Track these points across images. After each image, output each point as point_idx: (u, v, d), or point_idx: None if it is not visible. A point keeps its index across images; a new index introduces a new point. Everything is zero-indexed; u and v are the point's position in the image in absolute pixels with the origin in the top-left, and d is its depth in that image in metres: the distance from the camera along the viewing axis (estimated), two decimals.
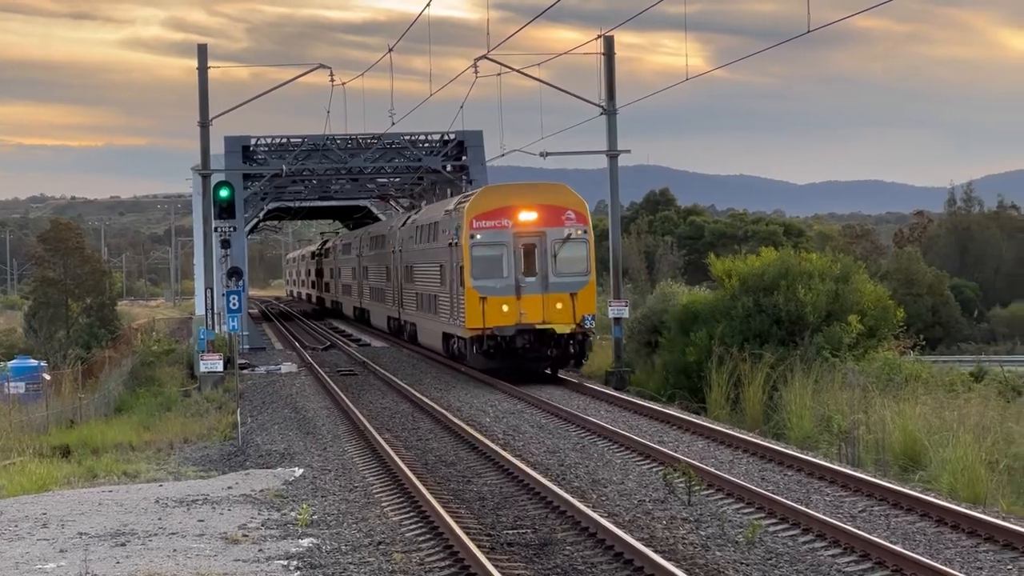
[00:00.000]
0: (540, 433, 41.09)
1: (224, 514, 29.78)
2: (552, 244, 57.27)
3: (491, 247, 58.38)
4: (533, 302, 56.99)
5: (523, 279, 56.56)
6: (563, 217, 57.64)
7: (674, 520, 26.98)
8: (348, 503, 30.46)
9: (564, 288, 57.01)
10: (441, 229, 64.27)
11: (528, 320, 56.32)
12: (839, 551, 23.80)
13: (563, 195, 59.65)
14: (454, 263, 61.28)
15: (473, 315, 56.91)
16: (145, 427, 48.35)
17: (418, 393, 53.71)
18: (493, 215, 57.50)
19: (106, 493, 33.56)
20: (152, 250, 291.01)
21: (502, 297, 56.71)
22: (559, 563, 23.66)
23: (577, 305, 56.60)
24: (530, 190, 60.96)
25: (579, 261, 58.50)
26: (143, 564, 24.48)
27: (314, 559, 24.85)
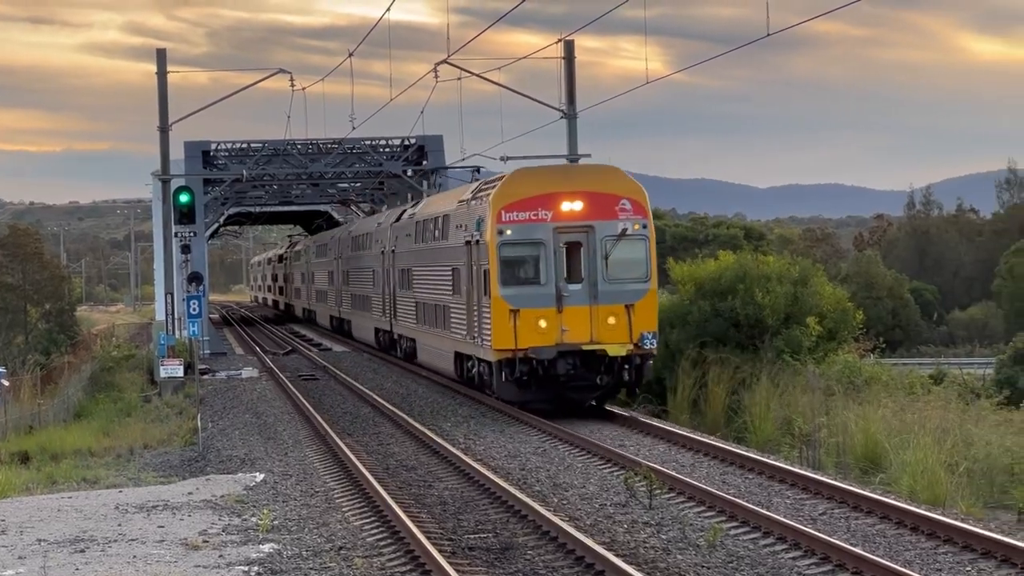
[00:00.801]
0: (500, 437, 41.14)
1: (184, 520, 29.71)
2: (602, 242, 43.20)
3: (525, 245, 43.98)
4: (578, 316, 42.78)
5: (565, 286, 42.34)
6: (616, 208, 43.78)
7: (635, 524, 26.99)
8: (309, 508, 30.42)
9: (618, 298, 42.80)
10: (454, 223, 50.28)
11: (572, 339, 42.30)
12: (800, 554, 23.86)
13: (616, 180, 45.16)
14: (474, 266, 46.79)
15: (501, 333, 42.92)
16: (105, 433, 48.26)
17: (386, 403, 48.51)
18: (528, 205, 43.55)
19: (65, 499, 33.49)
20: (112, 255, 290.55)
21: (539, 310, 42.56)
22: (521, 567, 23.64)
23: (635, 320, 42.51)
24: (575, 173, 47.24)
25: (637, 264, 43.90)
26: (103, 571, 24.42)
27: (275, 564, 24.78)
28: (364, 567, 24.24)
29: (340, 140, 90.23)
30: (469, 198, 47.46)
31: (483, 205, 44.82)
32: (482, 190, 46.99)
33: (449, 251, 50.19)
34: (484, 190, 46.59)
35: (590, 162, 65.36)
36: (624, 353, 40.97)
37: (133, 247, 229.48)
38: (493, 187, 44.87)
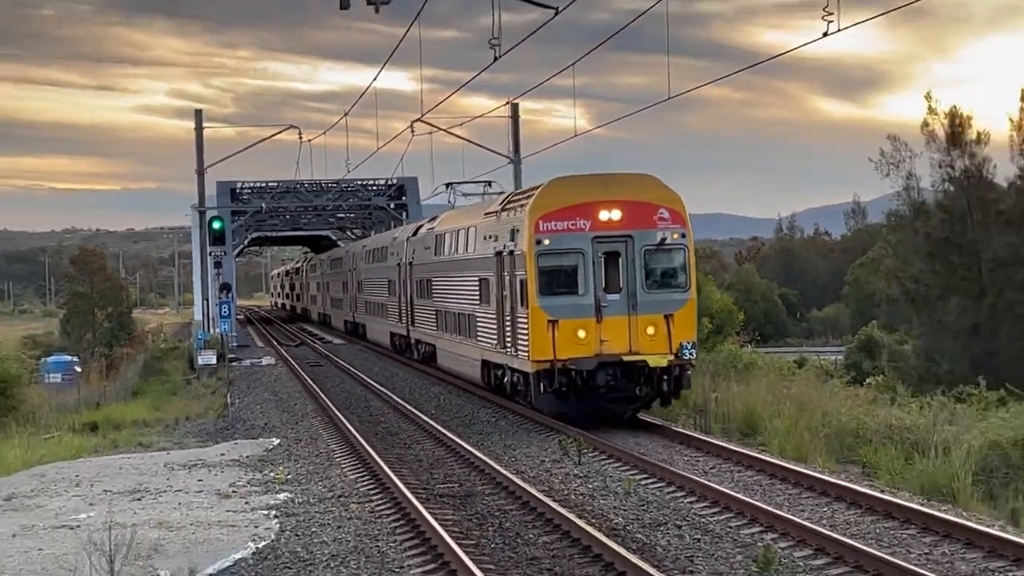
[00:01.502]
0: (466, 407, 40.70)
1: (218, 475, 29.62)
2: (641, 251, 34.63)
3: (564, 255, 35.03)
4: (617, 326, 34.37)
5: (604, 296, 34.03)
6: (655, 216, 35.33)
7: (568, 476, 26.96)
8: (315, 465, 30.31)
9: (657, 308, 34.49)
10: (481, 235, 41.51)
11: (611, 350, 33.92)
12: (695, 499, 23.85)
13: (654, 188, 36.19)
14: (507, 276, 37.53)
15: (540, 343, 34.07)
16: (155, 408, 47.96)
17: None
18: (566, 214, 34.93)
19: (125, 459, 33.32)
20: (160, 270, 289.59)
21: (578, 320, 34.03)
22: (479, 509, 23.64)
23: (674, 330, 34.26)
24: (612, 182, 37.05)
25: (676, 273, 35.74)
26: (155, 514, 24.33)
27: (288, 509, 24.75)
28: (358, 510, 24.18)
29: (338, 180, 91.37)
30: (498, 210, 38.83)
31: (518, 215, 35.75)
32: (513, 201, 38.40)
33: (476, 262, 41.05)
34: (517, 201, 37.87)
35: None
36: (665, 364, 32.91)
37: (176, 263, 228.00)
38: (529, 197, 35.94)
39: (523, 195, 35.77)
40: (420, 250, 53.48)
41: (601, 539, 19.77)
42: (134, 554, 19.07)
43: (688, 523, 21.76)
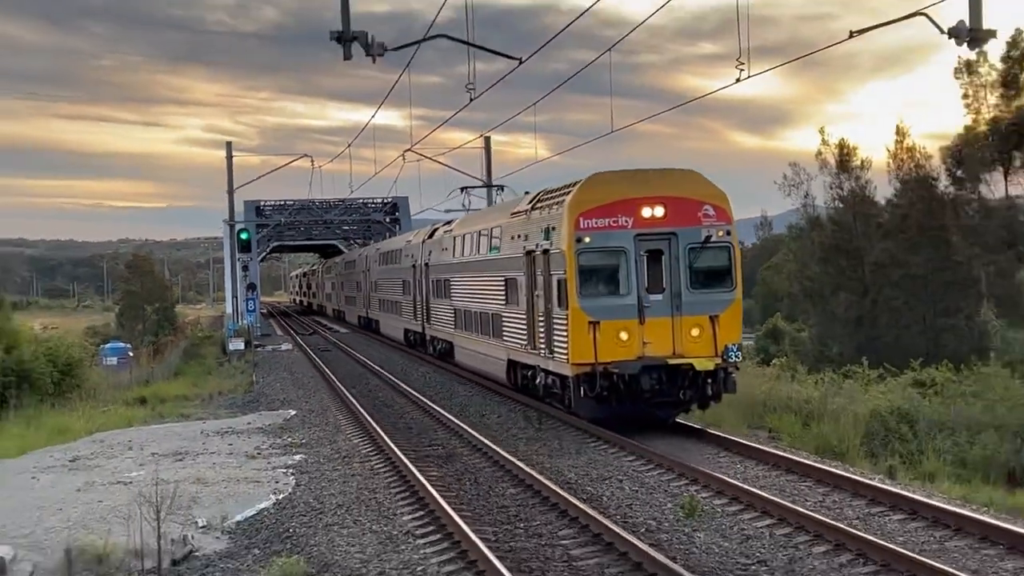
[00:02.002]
0: (446, 385, 40.41)
1: (245, 440, 29.54)
2: (685, 249, 28.49)
3: (606, 254, 28.62)
4: (660, 328, 28.10)
5: (647, 297, 27.88)
6: (699, 213, 29.14)
7: (530, 440, 26.98)
8: (324, 432, 30.24)
9: (702, 308, 28.16)
10: (508, 235, 34.41)
11: (655, 352, 27.82)
12: (634, 458, 23.87)
13: (698, 184, 29.79)
14: (539, 276, 30.49)
15: (580, 345, 27.71)
16: (194, 385, 47.81)
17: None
18: (607, 211, 28.63)
19: (169, 427, 33.23)
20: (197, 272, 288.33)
21: (620, 321, 27.82)
22: (458, 467, 23.64)
23: (719, 331, 27.97)
24: (654, 178, 30.29)
25: (722, 272, 29.15)
26: (193, 472, 24.27)
27: (302, 467, 24.71)
28: (360, 468, 24.16)
29: (343, 199, 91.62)
30: (527, 208, 32.19)
31: (554, 212, 29.19)
32: (546, 199, 31.23)
33: (502, 262, 34.16)
34: (552, 198, 30.74)
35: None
36: (711, 367, 26.75)
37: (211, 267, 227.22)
38: (566, 193, 29.13)
39: (559, 192, 29.25)
40: (437, 252, 46.57)
41: (557, 491, 19.82)
42: (176, 505, 19.06)
43: (628, 477, 21.82)
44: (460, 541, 16.93)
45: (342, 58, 20.46)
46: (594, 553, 16.42)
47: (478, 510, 19.37)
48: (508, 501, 20.20)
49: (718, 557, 15.94)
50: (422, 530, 18.25)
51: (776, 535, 17.05)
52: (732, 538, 16.98)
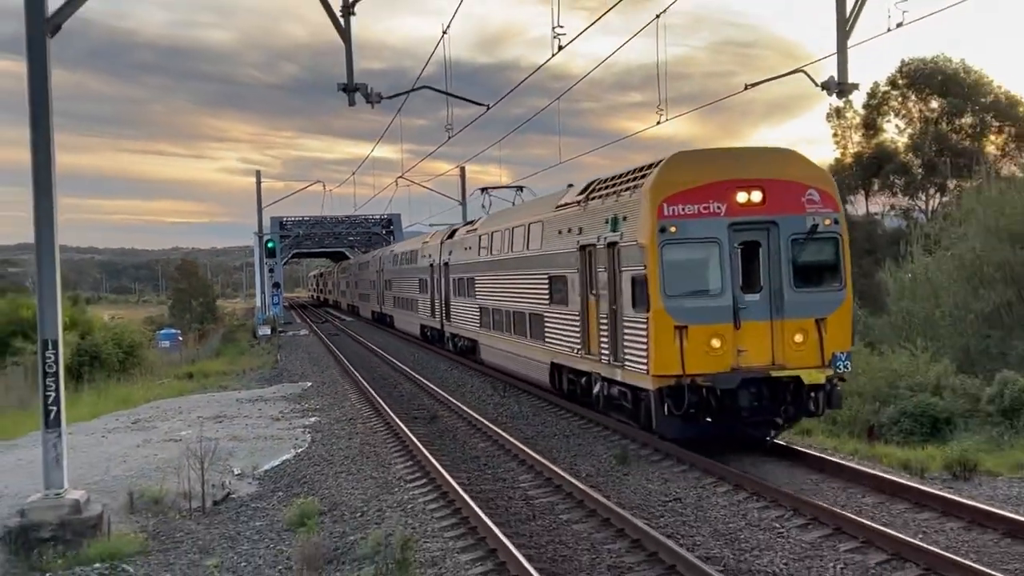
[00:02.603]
0: (440, 365, 40.41)
1: (271, 406, 29.40)
2: (787, 240, 18.80)
3: (695, 246, 18.97)
4: (757, 333, 18.65)
5: (742, 297, 18.51)
6: (803, 199, 19.07)
7: (497, 405, 26.94)
8: (334, 399, 30.14)
9: (807, 310, 18.60)
10: (554, 230, 25.20)
11: (751, 362, 18.41)
12: (577, 419, 23.65)
13: (800, 165, 19.61)
14: (605, 273, 20.93)
15: (664, 354, 18.37)
16: (230, 363, 47.58)
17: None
18: (696, 195, 18.85)
19: (211, 396, 33.04)
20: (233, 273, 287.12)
21: (711, 326, 18.43)
22: (440, 426, 23.59)
23: (827, 337, 18.32)
24: (748, 157, 19.76)
25: (829, 268, 19.08)
26: (231, 431, 24.17)
27: (317, 427, 24.63)
28: (362, 427, 24.08)
29: (349, 216, 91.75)
30: (581, 199, 23.11)
31: (627, 199, 20.23)
32: (608, 186, 21.76)
33: (546, 258, 25.44)
34: (618, 184, 21.24)
35: None
36: (822, 380, 18.53)
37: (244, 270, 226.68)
38: (644, 176, 20.13)
39: (629, 177, 20.35)
40: (458, 251, 38.04)
41: (519, 445, 19.83)
42: (216, 457, 19.05)
43: (574, 435, 21.79)
44: (441, 484, 16.92)
45: (348, 104, 20.34)
46: (546, 493, 16.45)
47: (456, 460, 19.35)
48: (479, 452, 20.21)
49: (641, 494, 15.95)
50: (411, 476, 18.22)
51: (689, 477, 17.04)
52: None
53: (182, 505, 16.90)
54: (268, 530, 15.41)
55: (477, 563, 12.75)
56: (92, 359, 40.48)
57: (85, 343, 40.99)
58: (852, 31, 22.10)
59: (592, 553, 13.01)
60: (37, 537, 14.32)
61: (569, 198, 23.82)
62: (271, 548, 14.42)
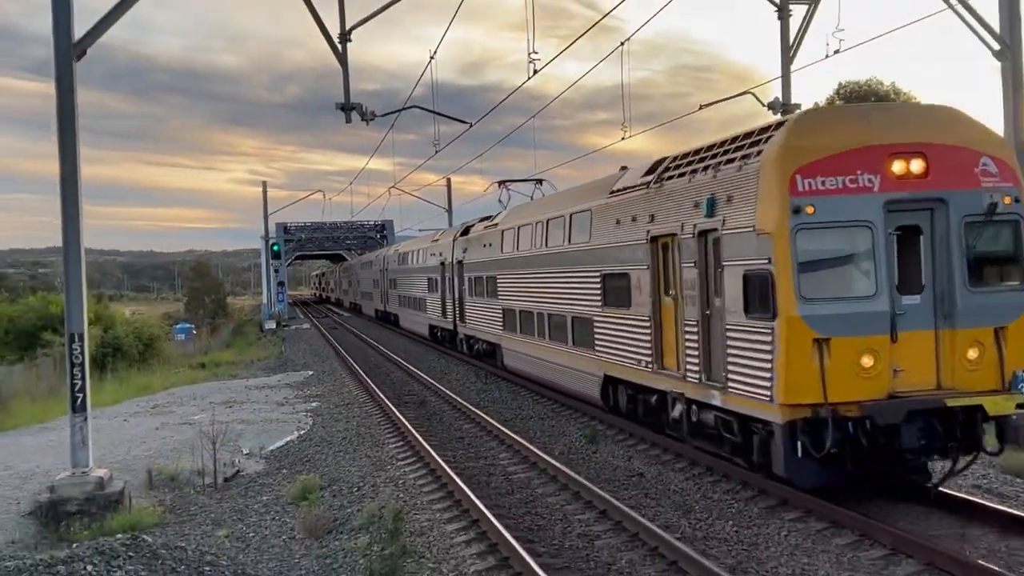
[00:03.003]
0: (417, 348, 40.29)
1: (276, 392, 29.34)
2: (959, 225, 10.96)
3: (841, 232, 11.12)
4: (919, 347, 11.03)
5: (900, 300, 10.99)
6: (976, 169, 10.83)
7: (479, 391, 26.90)
8: (334, 386, 30.09)
9: (983, 317, 10.96)
10: (610, 219, 17.38)
11: (915, 385, 10.92)
12: (551, 402, 23.38)
13: (968, 126, 11.47)
14: (695, 268, 13.77)
15: (798, 375, 11.02)
16: (240, 354, 47.43)
17: None
18: (841, 164, 10.82)
19: (222, 384, 32.93)
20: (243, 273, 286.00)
21: (862, 338, 10.84)
22: (427, 410, 23.57)
23: (1008, 350, 10.68)
24: (902, 115, 11.82)
25: (1010, 261, 11.24)
26: (240, 415, 24.13)
27: (318, 411, 24.62)
28: (359, 411, 24.06)
29: (346, 221, 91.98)
30: (650, 180, 15.96)
31: (735, 172, 12.70)
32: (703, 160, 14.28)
33: (599, 253, 18.65)
34: (718, 153, 13.85)
35: None
36: (1011, 409, 10.82)
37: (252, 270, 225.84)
38: (762, 140, 12.44)
39: (737, 145, 13.49)
40: (475, 249, 31.36)
41: (497, 426, 19.84)
42: (227, 438, 19.00)
43: (548, 417, 21.77)
44: (429, 462, 16.91)
45: (345, 121, 20.33)
46: (523, 470, 16.47)
47: (443, 439, 19.34)
48: (463, 433, 20.20)
49: (608, 470, 15.99)
50: (402, 455, 18.21)
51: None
52: None
53: (196, 481, 16.85)
54: (274, 504, 15.39)
55: (461, 532, 12.78)
56: (114, 351, 40.28)
57: (108, 336, 40.78)
58: (795, 57, 22.26)
59: (564, 523, 13.05)
60: (65, 511, 14.32)
61: (629, 181, 17.65)
62: (276, 520, 14.41)
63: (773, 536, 11.91)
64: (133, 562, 11.07)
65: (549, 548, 11.90)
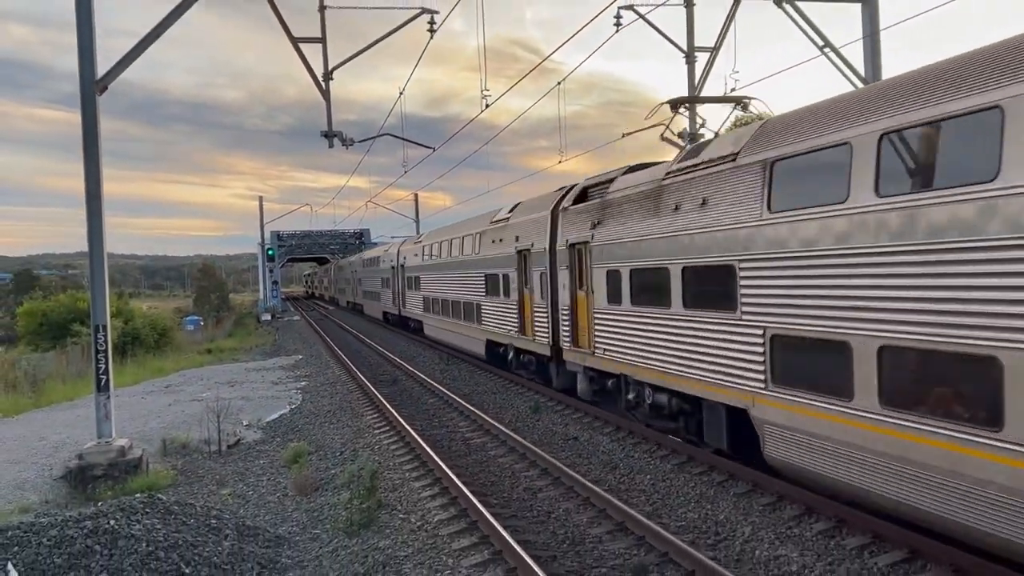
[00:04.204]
0: (399, 342, 39.96)
1: (271, 373, 28.98)
2: None
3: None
4: None
5: None
6: None
7: (443, 371, 26.81)
8: (320, 368, 29.80)
9: None
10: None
11: None
12: (499, 379, 23.26)
13: None
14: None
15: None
16: (240, 342, 46.75)
17: None
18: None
19: (225, 367, 32.43)
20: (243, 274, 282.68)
21: None
22: (400, 388, 23.44)
23: None
24: None
25: None
26: (241, 392, 23.81)
27: (307, 389, 24.33)
28: (342, 389, 23.82)
29: (330, 230, 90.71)
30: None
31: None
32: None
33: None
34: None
35: None
36: None
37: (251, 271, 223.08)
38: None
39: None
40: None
41: (457, 400, 19.81)
42: (229, 412, 18.80)
43: (499, 392, 21.79)
44: (400, 431, 16.85)
45: (328, 146, 20.19)
46: (479, 436, 16.47)
47: (412, 412, 19.27)
48: (429, 406, 20.13)
49: (548, 435, 16.05)
50: (378, 424, 18.12)
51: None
52: None
53: (203, 449, 16.66)
54: (269, 467, 15.25)
55: (427, 488, 12.77)
56: (133, 339, 39.53)
57: (128, 327, 40.01)
58: (700, 95, 22.42)
59: (513, 479, 13.10)
60: (92, 475, 14.09)
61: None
62: (272, 480, 14.29)
63: (683, 487, 12.06)
64: (150, 516, 10.92)
65: (500, 500, 11.95)
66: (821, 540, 9.59)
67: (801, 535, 9.79)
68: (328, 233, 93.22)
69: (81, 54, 14.73)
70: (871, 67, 19.76)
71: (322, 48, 18.96)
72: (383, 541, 10.68)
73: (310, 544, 11.10)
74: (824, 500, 10.27)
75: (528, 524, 10.84)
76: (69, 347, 36.54)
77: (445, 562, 9.68)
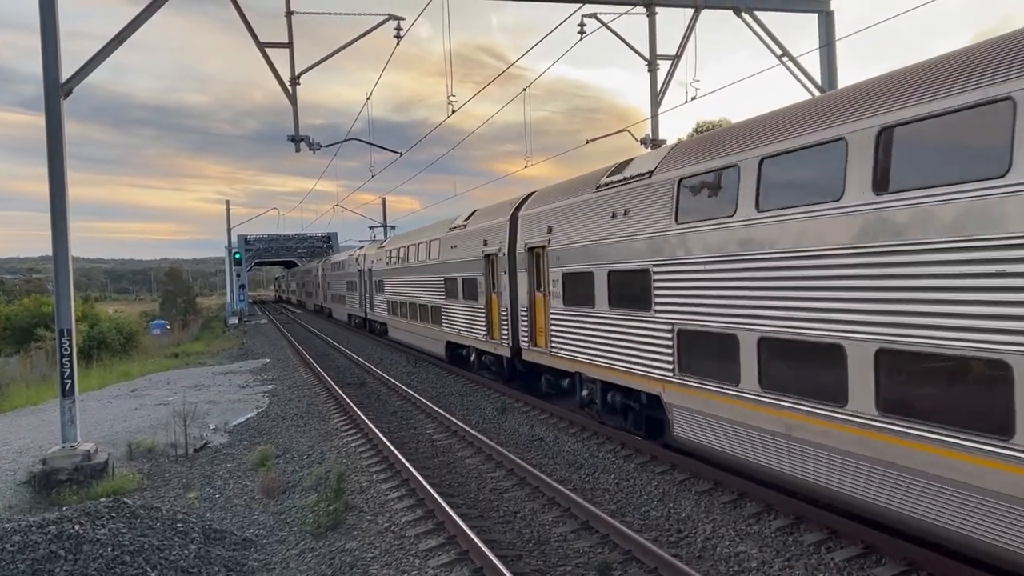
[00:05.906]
0: (358, 339, 39.72)
1: (238, 377, 28.67)
2: None
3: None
4: None
5: None
6: None
7: (410, 373, 26.67)
8: (287, 371, 29.54)
9: None
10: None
11: None
12: (470, 382, 23.24)
13: None
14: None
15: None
16: (207, 345, 46.23)
17: None
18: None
19: (192, 371, 32.03)
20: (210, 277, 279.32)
21: None
22: (368, 390, 23.31)
23: None
24: None
25: None
26: (207, 396, 23.52)
27: (274, 392, 24.09)
28: (309, 392, 23.62)
29: (298, 234, 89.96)
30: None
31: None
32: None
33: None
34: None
35: None
36: None
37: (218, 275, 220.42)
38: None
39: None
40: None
41: (425, 402, 19.74)
42: (196, 416, 18.56)
43: (466, 394, 21.76)
44: (367, 433, 16.76)
45: (295, 151, 20.03)
46: (446, 437, 16.43)
47: (380, 414, 19.17)
48: (396, 408, 20.04)
49: (514, 436, 16.06)
50: (345, 427, 18.00)
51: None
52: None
53: (170, 452, 16.42)
54: (236, 470, 15.08)
55: (394, 490, 12.71)
56: (99, 343, 38.98)
57: (94, 331, 39.47)
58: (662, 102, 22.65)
59: (479, 479, 13.08)
60: (56, 479, 13.83)
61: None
62: (239, 483, 14.12)
63: (646, 486, 12.13)
64: (115, 521, 10.74)
65: (467, 500, 11.92)
66: (780, 536, 9.72)
67: (760, 532, 9.91)
68: (296, 237, 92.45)
69: (45, 58, 14.48)
70: (827, 75, 20.08)
71: (289, 53, 18.82)
72: (350, 543, 10.61)
73: (277, 547, 11.00)
74: (784, 498, 10.45)
75: (494, 524, 10.83)
76: (33, 351, 35.87)
77: (412, 563, 9.64)
